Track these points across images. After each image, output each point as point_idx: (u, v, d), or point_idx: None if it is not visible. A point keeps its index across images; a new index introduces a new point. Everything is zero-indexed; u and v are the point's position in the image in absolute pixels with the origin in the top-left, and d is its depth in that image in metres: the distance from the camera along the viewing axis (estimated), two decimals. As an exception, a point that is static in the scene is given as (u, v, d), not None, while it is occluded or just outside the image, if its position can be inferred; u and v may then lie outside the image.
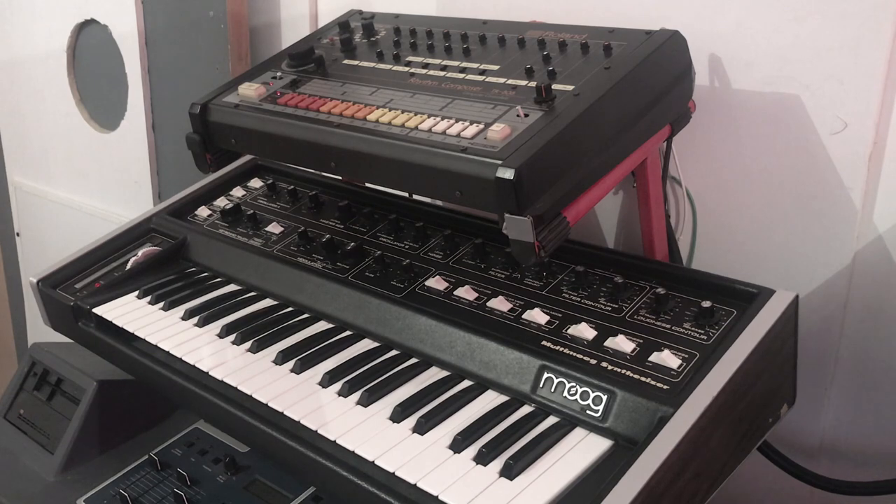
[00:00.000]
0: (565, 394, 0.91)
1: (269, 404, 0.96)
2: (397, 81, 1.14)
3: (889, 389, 1.16)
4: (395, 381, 0.99)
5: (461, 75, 1.12)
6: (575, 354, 0.94)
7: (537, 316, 1.01)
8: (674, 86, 1.08)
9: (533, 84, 1.03)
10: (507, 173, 0.89)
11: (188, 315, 1.16)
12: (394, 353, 1.05)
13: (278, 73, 1.25)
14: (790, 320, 0.95)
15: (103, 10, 1.95)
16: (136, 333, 1.15)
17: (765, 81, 1.15)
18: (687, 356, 0.91)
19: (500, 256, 1.13)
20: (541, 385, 0.93)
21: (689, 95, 1.13)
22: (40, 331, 1.98)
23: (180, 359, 1.08)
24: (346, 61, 1.24)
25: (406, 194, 1.31)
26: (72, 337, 1.28)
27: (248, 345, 1.08)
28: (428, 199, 1.32)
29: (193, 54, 1.77)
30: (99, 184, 2.16)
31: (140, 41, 1.87)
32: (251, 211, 1.36)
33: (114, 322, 1.18)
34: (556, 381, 0.92)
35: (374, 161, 1.03)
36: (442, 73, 1.13)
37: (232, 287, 1.24)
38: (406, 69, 1.17)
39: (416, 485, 0.82)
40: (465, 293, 1.07)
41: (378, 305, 1.09)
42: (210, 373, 1.03)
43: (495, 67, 1.11)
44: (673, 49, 1.07)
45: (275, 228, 1.30)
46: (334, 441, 0.89)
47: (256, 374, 1.02)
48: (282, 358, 1.04)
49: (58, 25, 2.10)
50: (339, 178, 1.37)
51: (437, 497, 0.81)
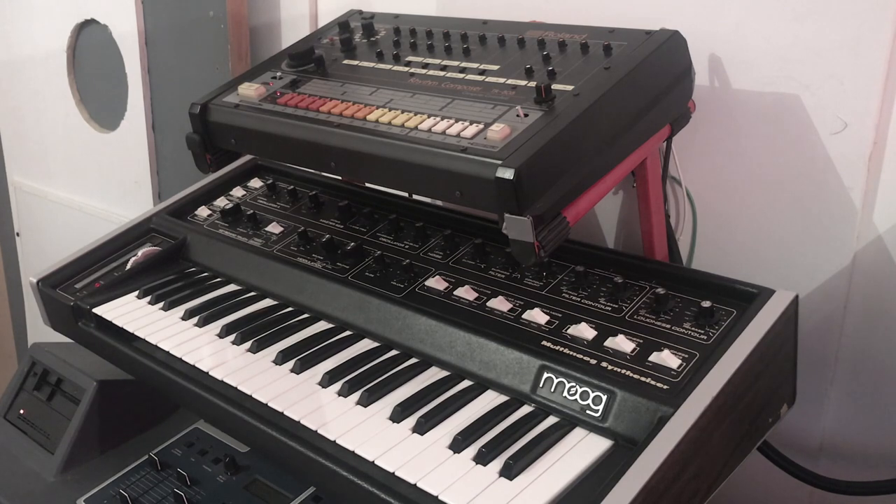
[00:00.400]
0: (565, 394, 0.91)
1: (269, 404, 0.96)
2: (397, 81, 1.14)
3: (889, 389, 1.16)
4: (394, 381, 0.99)
5: (461, 75, 1.12)
6: (575, 354, 0.94)
7: (537, 316, 1.01)
8: (674, 86, 1.08)
9: (533, 84, 1.03)
10: (507, 173, 0.89)
11: (188, 315, 1.16)
12: (394, 353, 1.05)
13: (278, 73, 1.25)
14: (790, 320, 0.95)
15: (103, 10, 1.95)
16: (136, 333, 1.15)
17: (765, 81, 1.15)
18: (687, 356, 0.91)
19: (500, 256, 1.13)
20: (541, 385, 0.93)
21: (688, 95, 1.13)
22: (40, 331, 1.98)
23: (180, 359, 1.08)
24: (345, 61, 1.24)
25: (406, 194, 1.31)
26: (72, 337, 1.28)
27: (248, 345, 1.08)
28: (428, 199, 1.32)
29: (193, 54, 1.77)
30: (99, 184, 2.16)
31: (140, 41, 1.86)
32: (251, 211, 1.36)
33: (114, 322, 1.18)
34: (555, 381, 0.92)
35: (373, 161, 1.03)
36: (442, 73, 1.13)
37: (232, 287, 1.24)
38: (406, 69, 1.17)
39: (415, 485, 0.82)
40: (465, 293, 1.07)
41: (378, 305, 1.09)
42: (210, 373, 1.03)
43: (495, 67, 1.11)
44: (673, 49, 1.07)
45: (275, 228, 1.30)
46: (334, 441, 0.89)
47: (256, 374, 1.02)
48: (282, 358, 1.04)
49: (58, 25, 2.10)
50: (339, 178, 1.37)
51: (436, 497, 0.81)
